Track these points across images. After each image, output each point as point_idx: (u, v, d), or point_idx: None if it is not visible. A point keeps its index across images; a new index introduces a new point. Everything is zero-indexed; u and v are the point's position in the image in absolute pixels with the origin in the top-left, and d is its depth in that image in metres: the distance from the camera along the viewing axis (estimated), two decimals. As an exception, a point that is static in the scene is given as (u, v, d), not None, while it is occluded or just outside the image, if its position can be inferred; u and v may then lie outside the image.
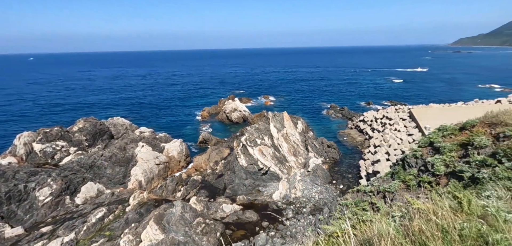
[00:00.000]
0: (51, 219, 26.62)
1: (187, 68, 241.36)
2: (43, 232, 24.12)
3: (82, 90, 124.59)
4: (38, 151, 37.38)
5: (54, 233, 23.39)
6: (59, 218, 26.47)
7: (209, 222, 24.10)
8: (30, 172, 32.40)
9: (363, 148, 44.49)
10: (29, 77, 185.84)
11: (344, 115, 66.72)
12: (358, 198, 10.99)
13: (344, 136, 51.90)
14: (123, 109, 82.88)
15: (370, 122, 53.49)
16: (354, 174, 35.12)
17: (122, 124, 50.20)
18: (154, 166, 37.23)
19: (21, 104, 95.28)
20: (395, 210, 4.51)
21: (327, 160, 39.84)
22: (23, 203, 28.22)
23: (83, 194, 30.41)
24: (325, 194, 28.45)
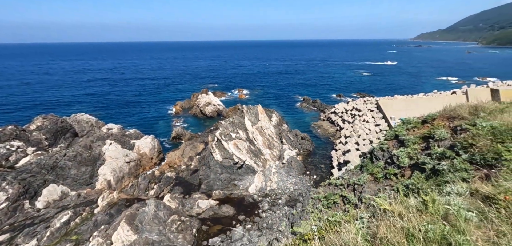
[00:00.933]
0: (9, 226, 24.39)
1: (157, 61, 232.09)
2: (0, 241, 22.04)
3: (40, 85, 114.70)
4: (-10, 152, 33.89)
5: (12, 241, 21.48)
6: (17, 225, 24.33)
7: (184, 219, 23.62)
8: (-19, 176, 29.32)
9: (335, 139, 46.15)
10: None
11: (317, 107, 68.60)
12: (329, 192, 11.34)
13: (317, 128, 53.42)
14: (87, 106, 77.82)
15: (341, 114, 55.55)
16: (327, 164, 36.35)
17: (87, 121, 47.14)
18: (124, 165, 35.55)
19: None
20: (363, 210, 4.65)
21: (301, 151, 40.78)
22: (-26, 211, 25.51)
23: (45, 198, 28.21)
24: (300, 185, 29.15)
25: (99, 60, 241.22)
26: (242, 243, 19.92)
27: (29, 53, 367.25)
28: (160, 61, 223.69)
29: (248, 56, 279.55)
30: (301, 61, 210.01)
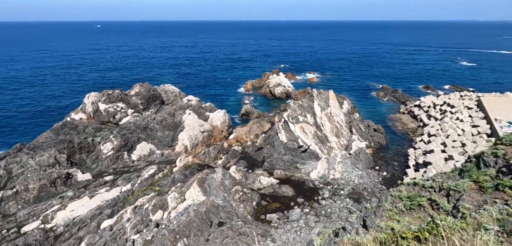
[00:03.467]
0: (113, 170, 30.59)
1: (232, 39, 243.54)
2: (106, 180, 27.95)
3: (135, 57, 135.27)
4: (103, 110, 42.36)
5: (115, 182, 26.95)
6: (118, 170, 30.27)
7: (246, 191, 25.24)
8: (96, 128, 37.19)
9: (415, 135, 40.99)
10: (94, 43, 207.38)
11: (397, 98, 61.56)
12: (414, 193, 10.26)
13: (394, 121, 48.28)
14: (172, 77, 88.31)
15: (427, 108, 48.60)
16: (401, 162, 32.86)
17: (172, 91, 53.76)
18: (199, 133, 39.62)
19: (83, 67, 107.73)
20: (486, 219, 4.01)
21: (372, 144, 37.79)
22: (91, 154, 32.80)
23: (138, 152, 34.04)
24: (366, 179, 27.36)
25: (181, 37, 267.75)
26: (299, 224, 20.23)
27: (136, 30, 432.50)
28: (233, 41, 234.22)
29: (322, 37, 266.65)
30: (383, 45, 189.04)
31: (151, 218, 21.59)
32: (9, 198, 25.30)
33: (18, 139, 40.33)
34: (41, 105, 61.93)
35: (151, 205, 23.00)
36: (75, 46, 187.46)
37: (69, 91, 73.65)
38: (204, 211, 22.37)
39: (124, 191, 24.98)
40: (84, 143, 33.59)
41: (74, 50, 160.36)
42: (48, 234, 20.55)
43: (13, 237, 20.28)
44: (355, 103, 53.11)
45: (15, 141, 39.70)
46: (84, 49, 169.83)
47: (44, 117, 54.93)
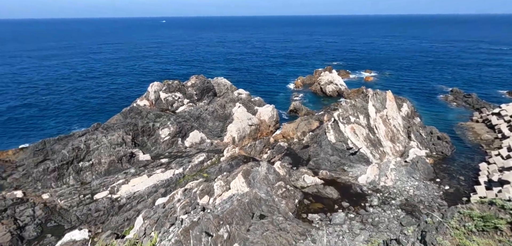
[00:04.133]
0: (168, 154, 33.53)
1: (284, 35, 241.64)
2: (162, 162, 30.82)
3: (192, 50, 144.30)
4: (163, 98, 46.50)
5: (169, 165, 29.54)
6: (173, 154, 33.05)
7: (289, 188, 25.16)
8: (157, 114, 41.07)
9: (491, 148, 35.42)
10: (158, 38, 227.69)
11: (470, 104, 53.79)
12: (489, 213, 8.93)
13: (465, 130, 42.41)
14: (225, 71, 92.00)
15: (509, 118, 41.47)
16: (469, 177, 28.79)
17: (224, 84, 56.12)
18: (247, 126, 40.70)
19: (148, 59, 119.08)
20: None
21: (434, 153, 33.91)
22: (151, 137, 36.43)
23: (190, 139, 36.58)
24: (423, 191, 24.75)
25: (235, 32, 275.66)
26: (342, 229, 19.43)
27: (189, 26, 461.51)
28: (286, 36, 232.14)
29: (383, 33, 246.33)
30: (457, 42, 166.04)
31: (198, 201, 23.12)
32: (86, 169, 29.78)
33: (95, 119, 46.98)
34: (113, 91, 70.99)
35: (199, 190, 24.62)
36: (142, 40, 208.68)
37: (136, 79, 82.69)
38: (247, 202, 23.06)
39: (177, 174, 27.19)
40: (146, 127, 37.48)
41: (141, 44, 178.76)
42: (114, 203, 23.63)
43: (88, 202, 23.88)
44: (417, 106, 48.11)
45: (93, 120, 46.42)
46: (150, 43, 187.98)
47: (115, 101, 62.79)
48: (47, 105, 60.59)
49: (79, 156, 30.86)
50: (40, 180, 28.67)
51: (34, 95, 67.46)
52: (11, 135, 46.38)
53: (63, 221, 22.92)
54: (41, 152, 32.99)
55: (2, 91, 69.97)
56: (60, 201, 24.83)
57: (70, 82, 79.75)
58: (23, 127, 49.87)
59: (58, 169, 29.34)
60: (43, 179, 28.66)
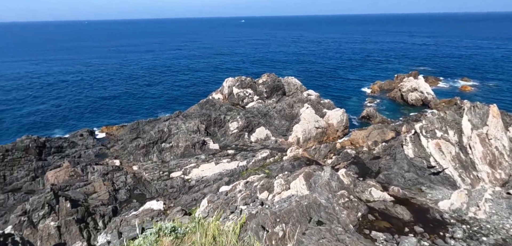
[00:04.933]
0: (234, 146, 35.58)
1: (364, 34, 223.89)
2: (229, 153, 32.92)
3: (266, 49, 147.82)
4: (235, 93, 49.41)
5: (235, 157, 31.34)
6: (239, 147, 34.90)
7: (353, 199, 23.54)
8: (228, 108, 43.94)
9: None
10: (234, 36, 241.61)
11: None
12: None
13: None
14: (296, 70, 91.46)
15: None
16: None
17: (294, 84, 55.96)
18: (313, 128, 39.74)
19: (224, 56, 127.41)
20: None
21: (554, 190, 26.43)
22: (221, 128, 39.25)
23: (256, 135, 37.89)
24: (532, 235, 19.58)
25: (311, 32, 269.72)
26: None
27: (266, 25, 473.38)
28: (366, 35, 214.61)
29: (492, 34, 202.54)
30: None
31: (258, 195, 23.85)
32: (167, 150, 34.19)
33: (177, 107, 53.34)
34: (193, 84, 79.23)
35: (260, 185, 25.37)
36: (221, 39, 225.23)
37: (213, 75, 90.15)
38: (306, 205, 22.61)
39: (241, 166, 28.64)
40: (218, 118, 40.59)
41: (220, 43, 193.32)
42: (185, 183, 26.51)
43: (165, 178, 27.44)
44: (533, 127, 38.24)
45: (175, 108, 52.83)
46: (228, 41, 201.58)
47: (194, 93, 69.91)
48: (142, 93, 71.94)
49: (163, 138, 35.67)
50: (132, 153, 34.37)
51: (134, 84, 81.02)
52: (115, 114, 56.89)
53: (146, 191, 26.99)
54: (135, 131, 39.42)
55: (112, 79, 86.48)
56: (145, 174, 29.29)
57: (159, 75, 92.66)
58: (124, 109, 60.54)
59: (146, 146, 34.61)
60: (134, 153, 34.27)
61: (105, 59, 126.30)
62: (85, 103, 63.80)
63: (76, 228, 22.00)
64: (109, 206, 24.56)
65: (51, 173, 28.78)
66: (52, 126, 51.22)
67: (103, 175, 28.37)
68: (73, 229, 21.98)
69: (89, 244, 20.94)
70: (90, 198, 25.51)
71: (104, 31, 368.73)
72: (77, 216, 22.46)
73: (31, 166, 30.96)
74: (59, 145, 35.67)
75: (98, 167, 29.65)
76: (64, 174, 28.79)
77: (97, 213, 23.60)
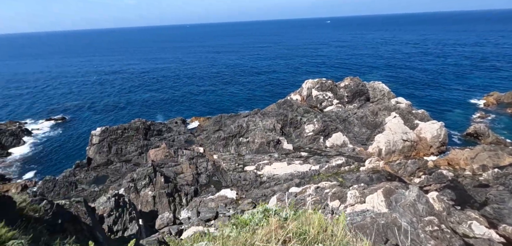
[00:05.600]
0: (308, 149, 34.99)
1: (479, 34, 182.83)
2: (302, 155, 32.62)
3: (351, 52, 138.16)
4: (314, 96, 48.43)
5: (307, 160, 30.84)
6: (312, 150, 34.15)
7: (444, 229, 19.92)
8: (306, 109, 43.44)
9: None
10: (318, 38, 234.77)
11: None
12: None
13: None
14: (385, 75, 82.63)
15: None
16: None
17: (381, 90, 50.89)
18: (399, 141, 35.36)
19: (305, 58, 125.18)
20: None
21: None
22: (296, 129, 39.17)
23: (332, 140, 36.26)
24: None
25: (407, 33, 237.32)
26: None
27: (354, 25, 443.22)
28: (478, 36, 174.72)
29: None
30: None
31: (328, 203, 22.88)
32: (243, 144, 36.37)
33: (256, 105, 55.95)
34: (272, 84, 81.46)
35: (331, 192, 24.24)
36: (304, 40, 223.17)
37: (292, 76, 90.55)
38: (382, 224, 20.41)
39: (312, 170, 28.00)
40: (294, 119, 40.65)
41: (302, 44, 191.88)
42: (257, 178, 27.68)
43: (240, 170, 29.29)
44: None
45: (254, 106, 55.55)
46: (311, 43, 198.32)
47: (273, 93, 71.81)
48: (226, 90, 78.52)
49: (241, 132, 38.13)
50: (214, 143, 38.00)
51: (220, 82, 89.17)
52: (203, 107, 63.92)
53: (222, 179, 29.46)
54: (218, 123, 43.39)
55: (203, 76, 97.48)
56: (223, 163, 31.98)
57: (242, 74, 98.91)
58: (211, 103, 67.39)
59: (226, 139, 37.70)
60: (216, 144, 37.80)
61: (198, 58, 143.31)
62: (180, 95, 74.04)
63: (166, 200, 25.89)
64: (192, 187, 27.89)
65: (152, 151, 34.64)
66: (155, 113, 61.52)
67: (190, 159, 32.39)
68: (164, 201, 25.96)
69: (175, 216, 24.30)
70: (178, 177, 29.53)
71: (201, 33, 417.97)
72: (167, 190, 26.39)
73: (139, 143, 38.01)
74: (159, 129, 42.56)
75: (186, 152, 34.04)
76: (161, 153, 34.23)
77: (182, 191, 27.15)
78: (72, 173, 32.92)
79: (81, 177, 32.69)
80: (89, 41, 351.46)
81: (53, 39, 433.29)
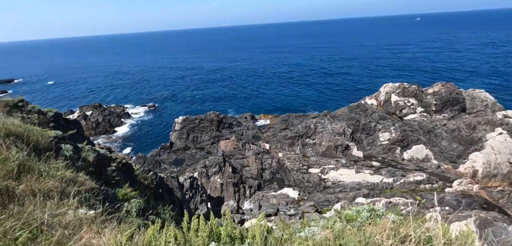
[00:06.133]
0: (381, 158, 31.86)
1: None
2: (373, 164, 29.95)
3: (445, 54, 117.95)
4: (393, 101, 43.72)
5: (379, 170, 28.14)
6: (386, 161, 30.94)
7: None
8: (382, 116, 39.65)
9: None
10: (403, 37, 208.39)
11: None
12: None
13: None
14: (489, 82, 68.11)
15: None
16: None
17: (483, 99, 42.28)
18: (504, 163, 28.77)
19: (384, 59, 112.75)
20: None
21: None
22: (369, 136, 36.13)
23: (412, 153, 32.09)
24: None
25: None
26: None
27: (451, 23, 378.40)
28: None
29: None
30: None
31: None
32: (309, 145, 35.60)
33: (326, 107, 53.92)
34: (344, 86, 76.85)
35: (406, 210, 21.55)
36: (385, 39, 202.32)
37: (368, 78, 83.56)
38: (471, 259, 17.10)
39: (384, 182, 25.42)
40: (368, 125, 37.57)
41: (383, 43, 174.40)
42: (321, 182, 26.75)
43: (304, 171, 28.83)
44: None
45: (324, 108, 53.64)
46: (394, 42, 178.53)
47: (345, 95, 67.82)
48: (296, 89, 77.97)
49: (308, 133, 37.42)
50: (280, 142, 38.37)
51: (289, 81, 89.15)
52: (272, 105, 65.12)
53: (285, 177, 29.55)
54: (285, 122, 43.59)
55: (274, 74, 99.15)
56: (287, 162, 32.03)
57: (313, 74, 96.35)
58: (280, 101, 68.13)
59: (292, 138, 37.60)
60: (282, 142, 38.11)
61: (269, 57, 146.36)
62: (251, 92, 77.20)
63: (232, 189, 27.58)
64: (256, 181, 28.89)
65: (223, 142, 37.28)
66: (227, 107, 65.86)
67: (256, 154, 33.58)
68: (230, 189, 27.71)
69: (238, 206, 25.67)
70: (244, 169, 31.01)
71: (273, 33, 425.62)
72: (234, 180, 28.05)
73: (212, 134, 41.41)
74: (230, 122, 45.42)
75: (253, 146, 35.41)
76: (231, 145, 36.53)
77: (247, 183, 28.41)
78: (157, 153, 38.24)
79: (164, 158, 37.66)
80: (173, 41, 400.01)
81: (142, 40, 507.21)
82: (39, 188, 3.07)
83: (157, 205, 6.60)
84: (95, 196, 3.69)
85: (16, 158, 3.42)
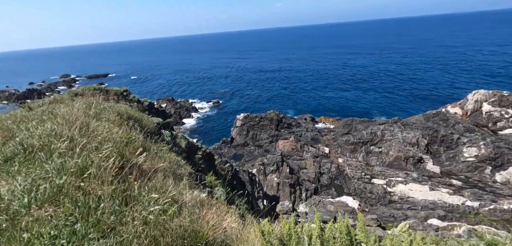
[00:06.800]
0: (464, 177, 27.25)
1: None
2: (453, 183, 25.84)
3: None
4: (485, 111, 37.05)
5: (461, 191, 24.11)
6: (471, 181, 26.32)
7: None
8: (468, 128, 33.97)
9: None
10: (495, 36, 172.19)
11: None
12: None
13: None
14: None
15: None
16: None
17: None
18: None
19: (473, 63, 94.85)
20: None
21: None
22: (449, 150, 31.32)
23: (508, 175, 26.55)
24: None
25: None
26: None
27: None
28: None
29: None
30: None
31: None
32: (374, 154, 32.80)
33: (396, 113, 48.85)
34: (419, 92, 68.02)
35: (495, 243, 17.96)
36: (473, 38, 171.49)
37: (450, 84, 72.25)
38: None
39: (467, 205, 21.68)
40: (448, 137, 32.63)
41: (469, 43, 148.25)
42: (386, 195, 24.35)
43: (366, 181, 26.70)
44: None
45: (394, 114, 48.68)
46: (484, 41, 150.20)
47: (420, 102, 60.11)
48: (360, 92, 72.60)
49: (373, 140, 34.53)
50: (341, 147, 36.39)
51: (354, 84, 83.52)
52: (333, 108, 62.12)
53: (344, 184, 27.85)
54: (348, 127, 41.10)
55: (336, 75, 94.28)
56: (347, 169, 30.16)
57: (382, 76, 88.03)
58: (342, 104, 64.51)
59: (355, 144, 35.24)
60: (343, 147, 36.08)
61: (332, 58, 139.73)
62: (312, 94, 75.10)
63: (288, 190, 27.38)
64: (313, 184, 28.03)
65: (281, 142, 37.31)
66: (287, 107, 65.52)
67: (314, 157, 32.59)
68: (286, 189, 27.57)
69: (293, 207, 25.35)
70: (301, 171, 30.42)
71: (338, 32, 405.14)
72: (291, 181, 27.80)
73: (271, 133, 41.83)
74: (289, 122, 45.12)
75: (311, 149, 34.45)
76: (289, 146, 36.29)
77: (303, 186, 27.81)
78: (219, 147, 40.55)
79: (225, 151, 39.70)
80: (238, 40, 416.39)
81: (206, 40, 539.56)
82: (158, 167, 3.49)
83: (234, 196, 6.94)
84: (193, 180, 4.09)
85: (139, 139, 3.99)
